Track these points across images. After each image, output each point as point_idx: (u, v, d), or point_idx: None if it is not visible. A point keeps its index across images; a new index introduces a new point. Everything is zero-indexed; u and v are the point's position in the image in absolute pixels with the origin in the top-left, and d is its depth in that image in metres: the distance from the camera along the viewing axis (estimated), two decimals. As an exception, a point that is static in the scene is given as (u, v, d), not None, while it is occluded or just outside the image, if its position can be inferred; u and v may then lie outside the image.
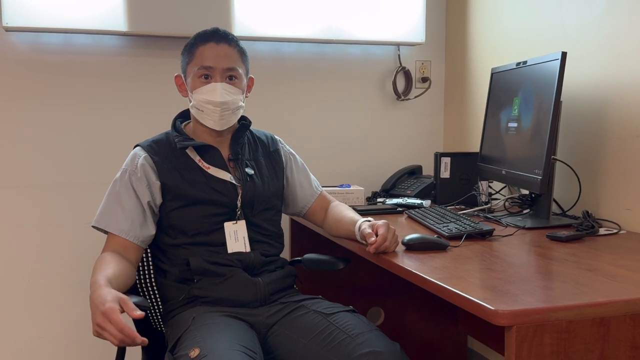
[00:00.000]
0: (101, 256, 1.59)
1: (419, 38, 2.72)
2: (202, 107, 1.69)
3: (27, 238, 2.40)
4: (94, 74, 2.43)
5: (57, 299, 2.44)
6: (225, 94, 1.68)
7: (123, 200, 1.67)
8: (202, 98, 1.68)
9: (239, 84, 1.72)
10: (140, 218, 1.67)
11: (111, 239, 1.66)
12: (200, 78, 1.69)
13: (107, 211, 1.68)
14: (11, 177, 2.37)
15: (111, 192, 1.70)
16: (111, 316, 1.28)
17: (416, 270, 1.37)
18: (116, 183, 1.70)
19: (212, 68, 1.68)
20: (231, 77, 1.71)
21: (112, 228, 1.65)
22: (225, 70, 1.69)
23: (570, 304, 1.12)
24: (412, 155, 2.79)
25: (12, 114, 2.35)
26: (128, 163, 1.72)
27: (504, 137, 2.09)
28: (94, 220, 1.68)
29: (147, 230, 1.68)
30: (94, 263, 1.55)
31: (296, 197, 1.90)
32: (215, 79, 1.68)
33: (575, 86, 2.02)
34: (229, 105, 1.69)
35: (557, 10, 2.13)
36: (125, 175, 1.69)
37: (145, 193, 1.68)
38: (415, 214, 2.02)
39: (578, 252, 1.54)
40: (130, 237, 1.65)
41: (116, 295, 1.34)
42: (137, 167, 1.69)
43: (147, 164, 1.70)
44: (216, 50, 1.69)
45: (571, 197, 1.98)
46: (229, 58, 1.70)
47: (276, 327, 1.63)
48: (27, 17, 2.24)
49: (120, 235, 1.64)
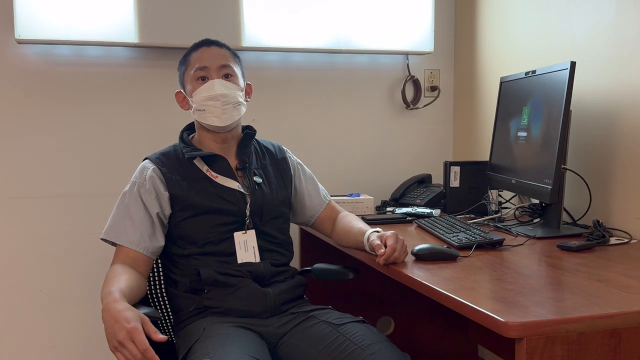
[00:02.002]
0: (112, 268, 1.60)
1: (428, 47, 2.72)
2: (203, 106, 1.71)
3: (39, 248, 2.42)
4: (105, 85, 2.45)
5: (70, 309, 2.46)
6: (223, 88, 1.71)
7: (132, 212, 1.68)
8: (202, 96, 1.71)
9: (236, 82, 1.75)
10: (149, 230, 1.68)
11: (121, 251, 1.67)
12: (198, 80, 1.73)
13: (117, 223, 1.69)
14: (23, 188, 2.39)
15: (120, 204, 1.71)
16: (136, 337, 1.29)
17: (426, 281, 1.37)
18: (125, 195, 1.71)
19: (207, 68, 1.73)
20: (227, 75, 1.74)
21: (122, 240, 1.66)
22: (220, 68, 1.73)
23: (581, 316, 1.12)
24: (421, 164, 2.79)
25: (25, 125, 2.38)
26: (137, 175, 1.73)
27: (513, 146, 2.09)
28: (104, 233, 1.69)
29: (156, 242, 1.69)
30: (106, 275, 1.56)
31: (304, 206, 1.91)
32: (212, 76, 1.73)
33: (585, 95, 2.02)
34: (228, 98, 1.71)
35: (566, 20, 2.13)
36: (134, 187, 1.71)
37: (154, 204, 1.69)
38: (425, 224, 2.02)
39: (589, 262, 1.54)
40: (140, 248, 1.66)
41: (139, 314, 1.35)
42: (145, 179, 1.71)
43: (155, 175, 1.71)
44: (208, 52, 1.76)
45: (581, 206, 1.97)
46: (221, 57, 1.76)
47: (286, 337, 1.63)
48: (39, 30, 2.27)
49: (130, 247, 1.65)
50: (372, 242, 1.60)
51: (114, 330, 1.31)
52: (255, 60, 2.56)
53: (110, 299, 1.39)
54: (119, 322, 1.31)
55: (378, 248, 1.55)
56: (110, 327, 1.33)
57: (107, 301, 1.39)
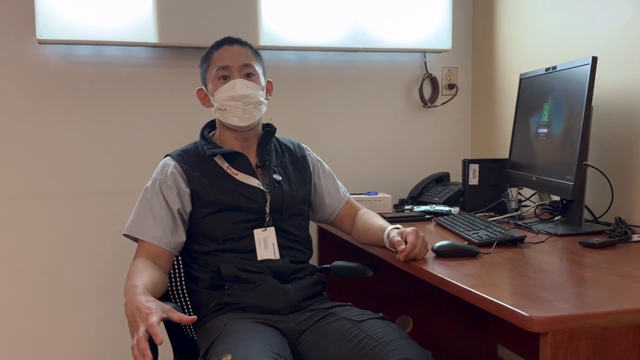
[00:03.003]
0: (134, 263, 1.62)
1: (446, 44, 2.71)
2: (225, 106, 1.72)
3: (58, 246, 2.44)
4: (125, 84, 2.47)
5: (88, 307, 2.48)
6: (244, 88, 1.72)
7: (154, 208, 1.70)
8: (223, 96, 1.72)
9: (257, 81, 1.76)
10: (171, 225, 1.69)
11: (143, 246, 1.68)
12: (220, 80, 1.74)
13: (139, 219, 1.70)
14: (43, 186, 2.42)
15: (142, 200, 1.73)
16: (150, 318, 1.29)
17: (447, 277, 1.37)
18: (147, 192, 1.73)
19: (229, 67, 1.73)
20: (249, 75, 1.75)
21: (145, 235, 1.68)
22: (242, 67, 1.74)
23: (606, 311, 1.11)
24: (439, 162, 2.78)
25: (45, 124, 2.40)
26: (158, 172, 1.75)
27: (533, 143, 2.08)
28: (126, 229, 1.71)
29: (177, 237, 1.70)
30: (128, 270, 1.57)
31: (324, 203, 1.91)
32: (233, 76, 1.73)
33: (606, 91, 2.00)
34: (249, 98, 1.72)
35: (587, 15, 2.11)
36: (156, 184, 1.72)
37: (175, 201, 1.70)
38: (444, 221, 2.01)
39: (611, 258, 1.52)
40: (162, 243, 1.67)
41: (162, 305, 1.36)
42: (167, 175, 1.72)
43: (176, 172, 1.73)
44: (230, 50, 1.76)
45: (603, 203, 1.95)
46: (243, 56, 1.76)
47: (307, 334, 1.63)
48: (60, 30, 2.29)
49: (152, 242, 1.67)
50: (392, 238, 1.59)
51: (135, 318, 1.33)
52: (272, 59, 2.57)
53: (134, 291, 1.41)
54: (140, 310, 1.33)
55: (398, 244, 1.55)
56: (132, 317, 1.34)
57: (132, 293, 1.41)
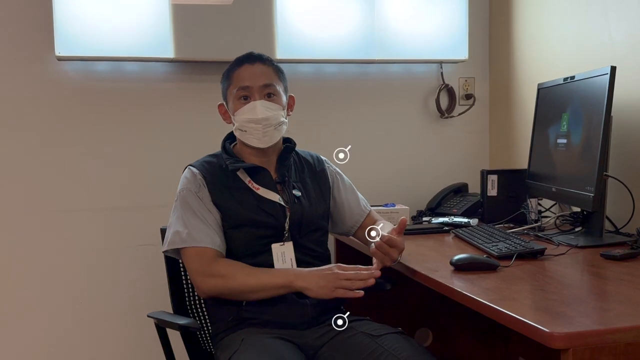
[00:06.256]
0: (225, 265, 1.65)
1: (462, 55, 2.70)
2: (245, 127, 1.72)
3: (81, 261, 2.46)
4: (143, 100, 2.49)
5: (111, 322, 2.49)
6: (265, 110, 1.70)
7: (201, 215, 1.68)
8: (244, 118, 1.71)
9: (278, 101, 1.75)
10: (218, 229, 1.69)
11: (198, 254, 1.64)
12: (240, 100, 1.73)
13: (193, 229, 1.66)
14: (65, 201, 2.44)
15: (185, 211, 1.69)
16: (341, 267, 1.56)
17: (467, 292, 1.35)
18: (185, 202, 1.70)
19: (250, 87, 1.72)
20: (269, 95, 1.73)
21: (207, 243, 1.65)
22: (263, 88, 1.72)
23: (628, 326, 1.09)
24: (457, 173, 2.76)
25: (65, 140, 2.43)
26: (190, 181, 1.73)
27: (553, 154, 2.05)
28: (180, 242, 1.66)
29: (224, 241, 1.70)
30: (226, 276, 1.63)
31: (344, 216, 1.90)
32: (254, 97, 1.71)
33: (625, 100, 1.97)
34: (270, 121, 1.71)
35: (605, 24, 2.09)
36: (191, 193, 1.71)
37: (212, 208, 1.70)
38: (463, 233, 1.99)
39: (634, 271, 1.49)
40: (221, 249, 1.67)
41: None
42: (200, 185, 1.71)
43: (203, 183, 1.72)
44: (251, 70, 1.74)
45: (624, 214, 1.92)
46: (264, 75, 1.74)
47: (324, 349, 1.62)
48: (78, 47, 2.32)
49: (215, 248, 1.65)
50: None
51: (323, 283, 1.54)
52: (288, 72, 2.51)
53: (290, 272, 1.60)
54: (320, 274, 1.56)
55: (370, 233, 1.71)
56: (315, 284, 1.55)
57: (291, 274, 1.60)
